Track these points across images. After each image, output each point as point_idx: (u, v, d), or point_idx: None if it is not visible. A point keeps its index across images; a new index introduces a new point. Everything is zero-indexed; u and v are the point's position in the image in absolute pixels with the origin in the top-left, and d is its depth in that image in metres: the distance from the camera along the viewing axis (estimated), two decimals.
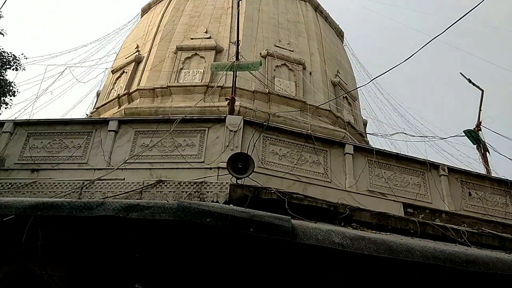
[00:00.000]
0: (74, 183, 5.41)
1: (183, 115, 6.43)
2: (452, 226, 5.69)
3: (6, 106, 12.17)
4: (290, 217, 3.75)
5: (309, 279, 5.60)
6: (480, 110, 10.23)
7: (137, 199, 5.15)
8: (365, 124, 13.40)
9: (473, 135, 9.59)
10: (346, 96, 11.58)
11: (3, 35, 11.58)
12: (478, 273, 3.81)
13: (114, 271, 5.47)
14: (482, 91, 10.49)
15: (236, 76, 8.26)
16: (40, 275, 5.45)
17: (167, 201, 3.86)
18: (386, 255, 3.53)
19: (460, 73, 11.01)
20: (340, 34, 14.69)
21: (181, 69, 10.13)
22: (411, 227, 5.45)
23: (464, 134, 9.66)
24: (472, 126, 10.09)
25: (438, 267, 3.80)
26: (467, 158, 9.75)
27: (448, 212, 6.37)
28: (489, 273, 3.86)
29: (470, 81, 10.67)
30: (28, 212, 3.35)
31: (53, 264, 5.25)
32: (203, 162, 5.95)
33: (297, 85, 10.38)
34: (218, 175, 5.72)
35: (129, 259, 5.49)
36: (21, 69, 11.77)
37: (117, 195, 5.09)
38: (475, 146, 9.70)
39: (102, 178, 5.48)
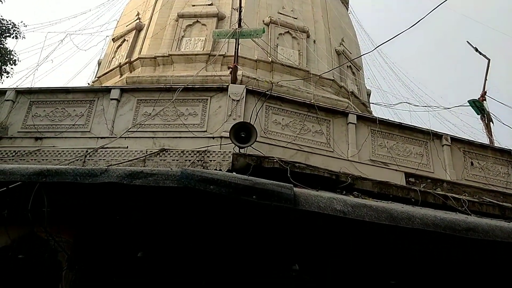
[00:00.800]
0: (78, 151, 5.44)
1: (185, 84, 6.37)
2: (453, 195, 5.74)
3: (7, 75, 12.11)
4: (292, 185, 3.78)
5: (310, 246, 5.72)
6: (485, 79, 10.11)
7: (141, 167, 5.19)
8: (368, 94, 13.29)
9: (478, 105, 9.52)
10: (350, 65, 11.43)
11: (2, 2, 11.37)
12: (477, 241, 3.87)
13: (118, 239, 5.59)
14: (489, 60, 10.34)
15: (238, 44, 8.13)
16: (47, 241, 5.58)
17: (171, 169, 3.89)
18: (387, 223, 3.57)
19: (467, 41, 10.81)
20: (345, 1, 14.34)
21: (183, 37, 9.97)
22: (412, 196, 5.50)
23: (468, 104, 9.59)
24: (477, 96, 10.01)
25: (438, 235, 3.86)
26: (470, 128, 9.73)
27: (450, 182, 6.41)
28: (489, 240, 3.92)
29: (476, 49, 10.49)
30: (33, 179, 3.38)
31: (59, 230, 5.36)
32: (205, 131, 5.95)
33: (301, 53, 10.23)
34: (221, 144, 5.73)
35: (132, 226, 5.59)
36: (21, 37, 11.62)
37: (121, 163, 5.13)
38: (479, 116, 9.65)
39: (106, 146, 5.51)
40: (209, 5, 10.50)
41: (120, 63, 10.20)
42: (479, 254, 4.71)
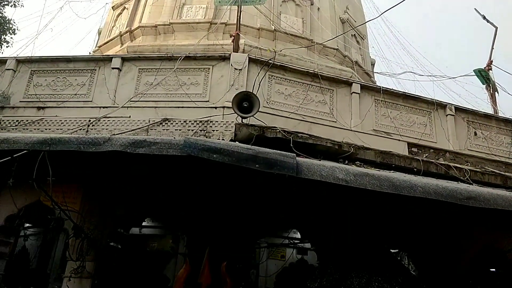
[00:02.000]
0: (81, 120, 5.44)
1: (187, 53, 6.28)
2: (456, 165, 5.75)
3: (7, 45, 11.97)
4: (295, 154, 3.79)
5: (311, 213, 5.80)
6: (492, 48, 9.92)
7: (144, 136, 5.19)
8: (373, 64, 13.09)
9: (483, 74, 9.39)
10: (354, 34, 11.21)
11: None
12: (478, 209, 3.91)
13: (122, 207, 5.68)
14: (496, 28, 10.11)
15: (240, 12, 7.94)
16: (52, 210, 5.66)
17: (174, 138, 3.89)
18: (389, 191, 3.60)
19: (475, 9, 10.54)
20: None
21: (184, 4, 9.75)
22: (414, 165, 5.51)
23: (474, 74, 9.45)
24: (483, 66, 9.85)
25: (440, 203, 3.89)
26: (475, 98, 9.63)
27: (452, 152, 6.40)
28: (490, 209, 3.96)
29: (484, 17, 10.24)
30: (37, 147, 3.39)
31: (64, 199, 5.43)
32: (208, 101, 5.91)
33: (304, 22, 10.02)
34: (223, 114, 5.70)
35: (137, 196, 5.67)
36: (19, 5, 11.40)
37: (124, 133, 5.13)
38: (484, 86, 9.53)
39: (108, 115, 5.50)
40: None
41: (120, 32, 10.03)
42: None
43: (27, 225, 8.71)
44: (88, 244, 5.35)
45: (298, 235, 8.33)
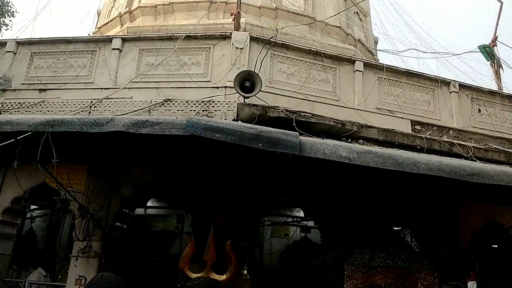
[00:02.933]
0: (83, 102, 5.43)
1: (187, 32, 6.21)
2: (459, 142, 5.74)
3: (6, 27, 11.87)
4: (297, 133, 3.78)
5: (313, 191, 5.83)
6: (497, 24, 9.76)
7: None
8: (376, 42, 12.91)
9: (488, 50, 9.26)
10: (357, 12, 11.02)
11: None
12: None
13: (127, 188, 5.72)
14: (501, 3, 9.92)
15: None
16: (58, 191, 5.72)
17: (176, 118, 3.88)
18: (392, 168, 3.60)
19: None
20: None
21: None
22: (418, 143, 5.51)
23: (478, 50, 9.33)
24: (487, 42, 9.71)
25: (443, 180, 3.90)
26: (479, 75, 9.54)
27: (456, 129, 6.38)
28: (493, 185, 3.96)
29: None
30: (40, 128, 3.40)
31: (69, 180, 5.48)
32: (209, 81, 5.87)
33: None
34: (225, 94, 5.67)
35: (141, 176, 5.70)
36: None
37: (126, 114, 5.12)
38: (489, 62, 9.42)
39: (110, 97, 5.48)
40: None
41: (120, 12, 9.90)
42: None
43: (33, 207, 8.82)
44: (94, 224, 5.42)
45: (302, 214, 8.40)
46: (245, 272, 4.99)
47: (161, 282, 7.28)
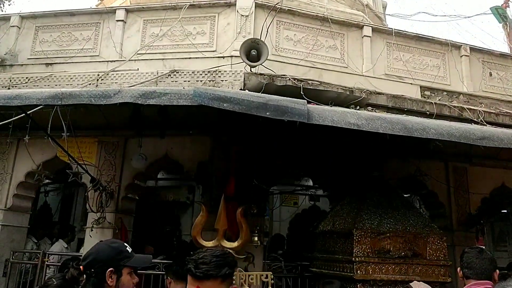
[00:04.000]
0: (89, 75, 5.43)
1: (191, 1, 6.09)
2: (469, 107, 5.67)
3: (9, 3, 11.76)
4: (305, 101, 3.76)
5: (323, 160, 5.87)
6: None
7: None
8: (384, 7, 12.55)
9: (500, 12, 8.97)
10: None
11: None
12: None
13: (138, 159, 5.79)
14: None
15: None
16: (69, 165, 5.82)
17: (183, 88, 3.88)
18: (401, 134, 3.58)
19: None
20: None
21: None
22: (427, 109, 5.45)
23: (490, 12, 9.04)
24: (499, 3, 9.40)
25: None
26: (490, 38, 9.30)
27: (466, 94, 6.29)
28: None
29: None
30: (49, 102, 3.41)
31: (80, 154, 5.56)
32: (215, 51, 5.81)
33: None
34: (231, 64, 5.62)
35: (151, 147, 5.76)
36: None
37: (133, 86, 5.12)
38: (501, 24, 9.15)
39: (116, 69, 5.47)
40: None
41: None
42: None
43: (47, 181, 9.00)
44: (107, 196, 5.54)
45: (310, 183, 8.47)
46: (256, 239, 5.09)
47: (174, 251, 7.47)
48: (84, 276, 2.09)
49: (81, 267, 2.11)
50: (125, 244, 2.24)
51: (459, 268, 3.10)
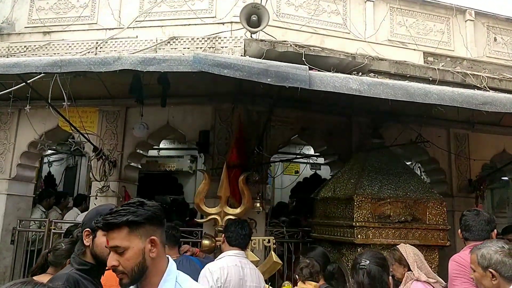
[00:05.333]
0: (88, 43, 5.36)
1: None
2: (473, 72, 5.60)
3: None
4: (307, 66, 3.71)
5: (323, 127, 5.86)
6: None
7: None
8: None
9: None
10: None
11: None
12: None
13: (139, 128, 5.80)
14: None
15: None
16: (71, 134, 5.85)
17: (183, 54, 3.83)
18: (403, 99, 3.56)
19: None
20: None
21: None
22: (430, 74, 5.39)
23: None
24: None
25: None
26: (496, 2, 9.05)
27: (470, 59, 6.20)
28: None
29: None
30: (49, 69, 3.39)
31: (82, 123, 5.57)
32: (214, 17, 5.69)
33: None
34: (231, 30, 5.52)
35: (152, 117, 5.76)
36: None
37: (132, 53, 5.06)
38: None
39: (115, 37, 5.39)
40: None
41: None
42: None
43: (50, 151, 9.07)
44: (110, 165, 5.58)
45: (312, 151, 8.51)
46: (258, 205, 5.17)
47: (177, 219, 7.61)
48: None
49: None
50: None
51: (459, 231, 3.16)
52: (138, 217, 1.60)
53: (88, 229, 2.11)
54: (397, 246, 3.31)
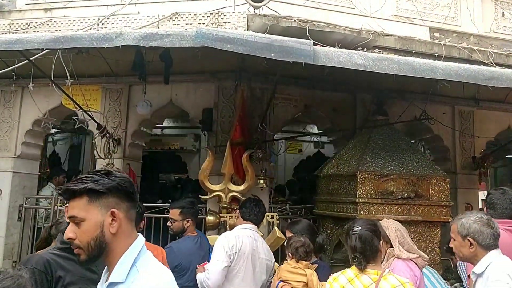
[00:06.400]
0: (89, 19, 5.30)
1: None
2: (480, 48, 5.52)
3: None
4: (311, 41, 3.67)
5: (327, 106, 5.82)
6: None
7: None
8: None
9: None
10: None
11: None
12: None
13: (142, 106, 5.79)
14: None
15: None
16: (75, 112, 5.85)
17: (186, 29, 3.79)
18: (408, 74, 3.53)
19: None
20: None
21: None
22: (436, 50, 5.32)
23: None
24: None
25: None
26: None
27: (477, 35, 6.09)
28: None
29: None
30: (51, 45, 3.37)
31: (85, 101, 5.57)
32: None
33: None
34: (234, 5, 5.43)
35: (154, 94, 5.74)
36: None
37: (135, 29, 5.01)
38: None
39: (117, 13, 5.31)
40: None
41: None
42: None
43: (54, 130, 9.10)
44: (114, 142, 5.60)
45: (316, 129, 8.50)
46: (262, 181, 5.20)
47: (181, 196, 7.68)
48: None
49: None
50: None
51: (485, 208, 3.21)
52: (99, 186, 1.45)
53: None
54: (379, 222, 3.30)
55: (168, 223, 3.81)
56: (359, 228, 2.56)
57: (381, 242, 2.61)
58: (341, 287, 2.50)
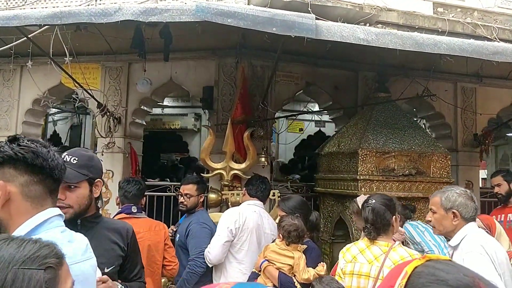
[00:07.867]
0: None
1: None
2: (484, 23, 5.44)
3: None
4: (314, 15, 3.61)
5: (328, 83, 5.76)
6: None
7: None
8: None
9: None
10: None
11: None
12: None
13: (142, 84, 5.75)
14: None
15: None
16: (75, 91, 5.81)
17: (185, 4, 3.72)
18: (411, 49, 3.48)
19: None
20: None
21: None
22: (439, 25, 5.24)
23: None
24: None
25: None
26: None
27: (481, 10, 5.98)
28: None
29: None
30: (49, 21, 3.31)
31: (85, 79, 5.52)
32: None
33: None
34: None
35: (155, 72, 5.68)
36: None
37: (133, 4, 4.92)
38: None
39: None
40: None
41: None
42: None
43: (54, 110, 9.07)
44: (114, 121, 5.59)
45: (317, 108, 8.45)
46: (263, 159, 5.21)
47: (183, 175, 7.71)
48: None
49: None
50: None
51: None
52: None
53: None
54: (356, 198, 3.30)
55: (181, 199, 3.67)
56: (373, 201, 2.66)
57: (394, 217, 2.66)
58: (353, 257, 2.62)
